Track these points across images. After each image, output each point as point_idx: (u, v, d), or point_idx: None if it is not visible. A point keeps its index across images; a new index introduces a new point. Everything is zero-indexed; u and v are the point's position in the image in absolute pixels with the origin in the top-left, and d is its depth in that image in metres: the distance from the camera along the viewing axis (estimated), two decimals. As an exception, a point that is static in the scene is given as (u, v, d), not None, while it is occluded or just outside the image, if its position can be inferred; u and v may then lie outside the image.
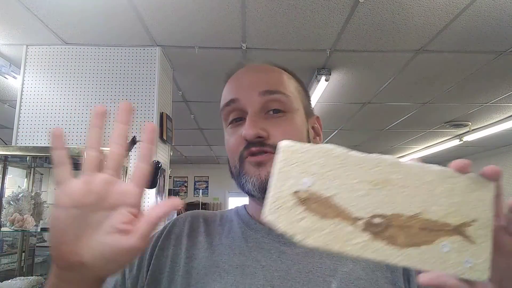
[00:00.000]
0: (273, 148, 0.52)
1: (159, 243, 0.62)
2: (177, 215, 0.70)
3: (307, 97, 0.67)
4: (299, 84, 0.66)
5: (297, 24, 2.21)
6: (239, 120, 0.59)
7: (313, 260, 0.55)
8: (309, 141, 0.60)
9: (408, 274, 0.55)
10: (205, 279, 0.55)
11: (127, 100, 2.44)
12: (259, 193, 0.55)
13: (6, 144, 2.51)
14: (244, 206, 0.68)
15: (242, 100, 0.58)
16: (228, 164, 0.64)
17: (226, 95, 0.62)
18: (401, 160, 0.33)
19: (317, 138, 0.66)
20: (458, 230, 0.32)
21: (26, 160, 2.17)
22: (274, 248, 0.57)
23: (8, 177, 2.08)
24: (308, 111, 0.64)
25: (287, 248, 0.57)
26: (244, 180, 0.58)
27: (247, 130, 0.54)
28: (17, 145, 2.31)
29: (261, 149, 0.55)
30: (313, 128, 0.65)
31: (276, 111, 0.57)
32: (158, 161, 1.92)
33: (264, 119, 0.57)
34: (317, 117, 0.68)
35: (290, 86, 0.62)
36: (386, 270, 0.55)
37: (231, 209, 0.71)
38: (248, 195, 0.61)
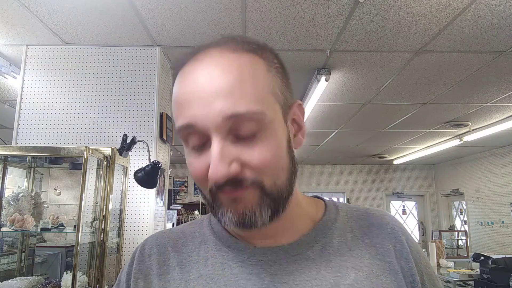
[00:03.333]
0: (251, 182, 0.44)
1: None
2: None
3: (284, 81, 0.50)
4: (271, 66, 0.48)
5: (297, 24, 2.21)
6: (201, 144, 0.46)
7: (311, 276, 0.48)
8: (291, 150, 0.50)
9: (412, 275, 0.51)
10: None
11: (127, 97, 2.45)
12: (237, 228, 0.46)
13: (6, 144, 2.51)
14: None
15: (202, 124, 0.44)
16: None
17: (177, 110, 0.47)
18: None
19: (299, 134, 0.53)
20: None
21: (26, 160, 2.17)
22: (264, 271, 0.49)
23: (8, 177, 2.08)
24: (286, 106, 0.50)
25: (279, 267, 0.49)
26: (219, 212, 0.47)
27: (213, 171, 0.43)
28: (17, 145, 2.31)
29: (235, 188, 0.44)
30: (293, 121, 0.52)
31: (247, 133, 0.44)
32: (158, 161, 1.92)
33: (233, 143, 0.44)
34: (299, 104, 0.53)
35: (261, 84, 0.46)
36: (390, 273, 0.50)
37: (201, 221, 0.60)
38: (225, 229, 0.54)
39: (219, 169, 0.42)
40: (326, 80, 2.84)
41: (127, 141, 2.01)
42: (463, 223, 7.26)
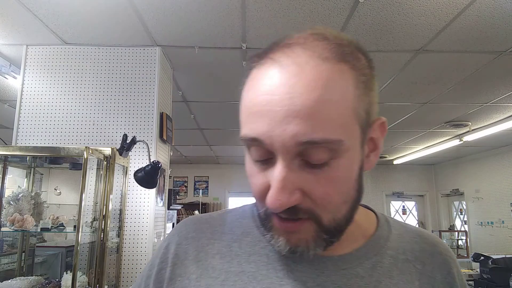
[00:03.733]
0: (309, 214, 0.41)
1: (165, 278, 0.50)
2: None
3: (371, 95, 0.44)
4: (361, 79, 0.42)
5: (297, 24, 2.21)
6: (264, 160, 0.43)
7: (362, 283, 0.46)
8: (360, 177, 0.45)
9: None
10: None
11: (127, 97, 2.45)
12: (287, 253, 0.44)
13: (6, 144, 2.51)
14: None
15: (271, 142, 0.39)
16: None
17: (249, 121, 0.41)
18: None
19: (372, 154, 0.47)
20: None
21: (26, 160, 2.17)
22: (311, 280, 0.46)
23: (8, 177, 2.07)
24: (367, 126, 0.44)
25: (326, 279, 0.46)
26: (270, 235, 0.45)
27: (272, 201, 0.39)
28: (17, 145, 2.31)
29: (292, 218, 0.42)
30: (370, 140, 0.46)
31: (317, 161, 0.40)
32: (158, 161, 1.92)
33: (299, 169, 0.40)
34: (381, 123, 0.47)
35: (346, 105, 0.40)
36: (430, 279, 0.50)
37: (244, 210, 0.56)
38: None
39: (279, 198, 0.39)
40: (326, 80, 2.83)
41: (127, 141, 2.01)
42: (463, 223, 7.26)
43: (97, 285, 1.84)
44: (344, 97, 0.40)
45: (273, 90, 0.39)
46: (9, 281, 1.81)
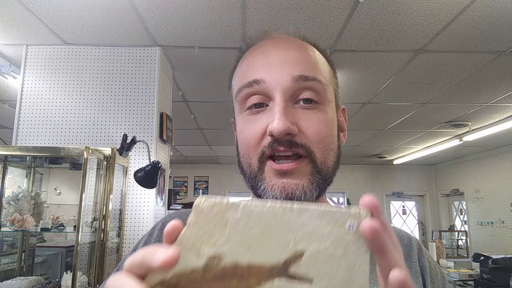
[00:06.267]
0: (303, 149, 0.46)
1: None
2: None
3: (337, 84, 0.56)
4: (330, 66, 0.55)
5: (297, 24, 2.21)
6: (260, 106, 0.48)
7: None
8: (339, 140, 0.53)
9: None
10: None
11: (127, 97, 2.45)
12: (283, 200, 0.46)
13: (6, 144, 2.51)
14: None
15: (269, 82, 0.47)
16: (238, 160, 0.52)
17: (246, 72, 0.50)
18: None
19: (341, 134, 0.55)
20: None
21: (26, 160, 2.17)
22: None
23: (8, 177, 2.08)
24: (338, 102, 0.54)
25: None
26: (262, 187, 0.47)
27: (277, 123, 0.44)
28: (17, 145, 2.31)
29: (289, 150, 0.45)
30: (338, 121, 0.55)
31: (308, 101, 0.47)
32: (158, 161, 1.92)
33: (293, 109, 0.47)
34: (343, 109, 0.57)
35: (325, 70, 0.51)
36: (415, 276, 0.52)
37: None
38: None
39: (282, 122, 0.44)
40: (326, 80, 2.84)
41: (127, 141, 2.01)
42: (463, 223, 7.26)
43: (97, 285, 1.84)
44: (322, 63, 0.52)
45: (270, 49, 0.50)
46: (9, 281, 1.82)
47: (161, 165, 1.94)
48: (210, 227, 0.29)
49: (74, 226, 1.84)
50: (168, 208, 4.36)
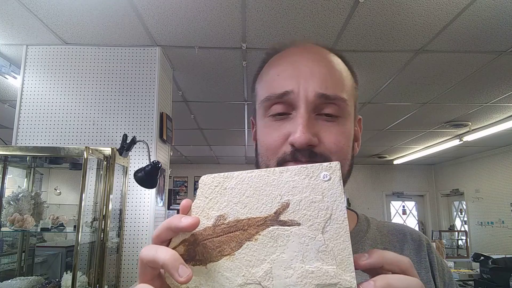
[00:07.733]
0: (322, 158, 0.49)
1: None
2: None
3: (357, 95, 0.59)
4: (353, 77, 0.57)
5: (297, 24, 2.21)
6: (283, 114, 0.52)
7: None
8: (353, 150, 0.56)
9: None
10: None
11: (127, 97, 2.45)
12: None
13: (6, 144, 2.51)
14: None
15: (296, 93, 0.50)
16: (256, 159, 0.56)
17: (275, 81, 0.52)
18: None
19: (355, 144, 0.58)
20: None
21: (26, 160, 2.17)
22: None
23: (8, 177, 2.07)
24: (356, 113, 0.57)
25: None
26: None
27: (299, 135, 0.47)
28: (17, 145, 2.31)
29: (309, 160, 0.48)
30: (354, 131, 0.58)
31: (330, 115, 0.51)
32: (158, 161, 1.92)
33: (315, 121, 0.50)
34: (360, 119, 0.60)
35: (348, 84, 0.54)
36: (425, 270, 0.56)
37: None
38: None
39: (305, 135, 0.47)
40: (326, 80, 2.84)
41: (127, 141, 2.01)
42: (463, 223, 7.26)
43: (97, 285, 1.84)
44: (346, 76, 0.54)
45: (299, 59, 0.53)
46: (9, 281, 1.82)
47: (161, 165, 1.94)
48: (214, 196, 0.38)
49: (74, 226, 1.84)
50: (168, 208, 4.36)
